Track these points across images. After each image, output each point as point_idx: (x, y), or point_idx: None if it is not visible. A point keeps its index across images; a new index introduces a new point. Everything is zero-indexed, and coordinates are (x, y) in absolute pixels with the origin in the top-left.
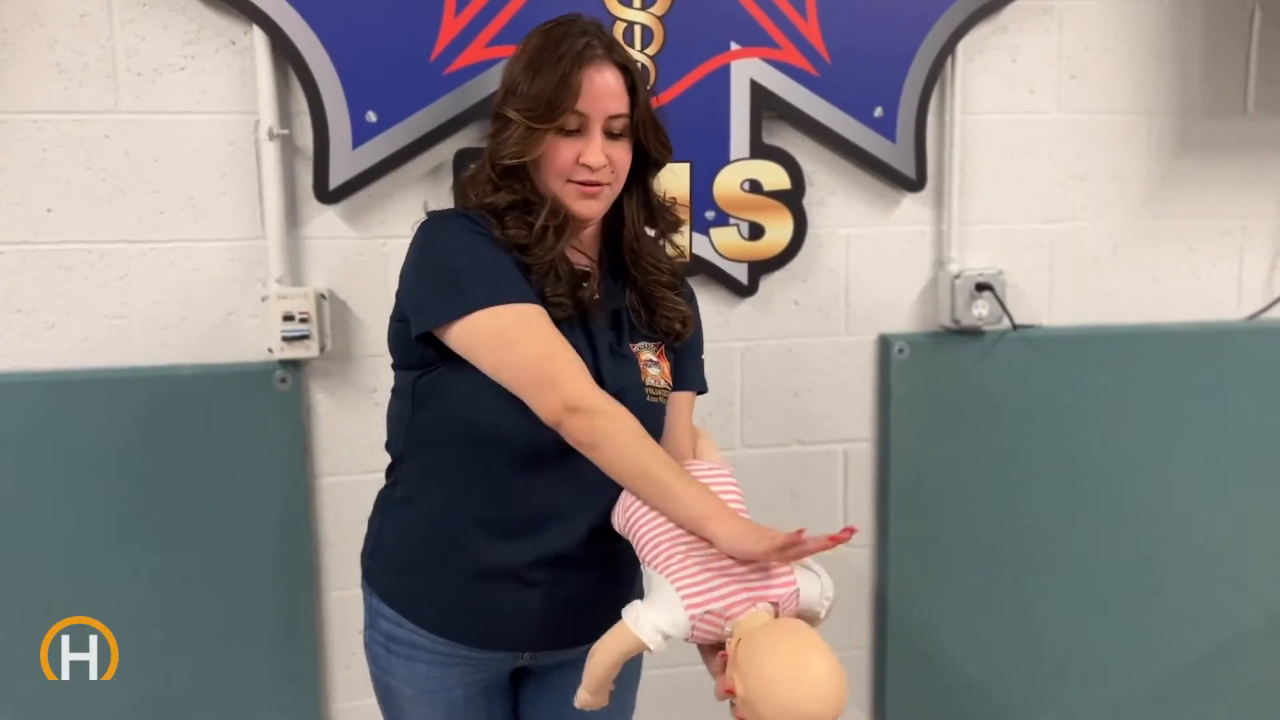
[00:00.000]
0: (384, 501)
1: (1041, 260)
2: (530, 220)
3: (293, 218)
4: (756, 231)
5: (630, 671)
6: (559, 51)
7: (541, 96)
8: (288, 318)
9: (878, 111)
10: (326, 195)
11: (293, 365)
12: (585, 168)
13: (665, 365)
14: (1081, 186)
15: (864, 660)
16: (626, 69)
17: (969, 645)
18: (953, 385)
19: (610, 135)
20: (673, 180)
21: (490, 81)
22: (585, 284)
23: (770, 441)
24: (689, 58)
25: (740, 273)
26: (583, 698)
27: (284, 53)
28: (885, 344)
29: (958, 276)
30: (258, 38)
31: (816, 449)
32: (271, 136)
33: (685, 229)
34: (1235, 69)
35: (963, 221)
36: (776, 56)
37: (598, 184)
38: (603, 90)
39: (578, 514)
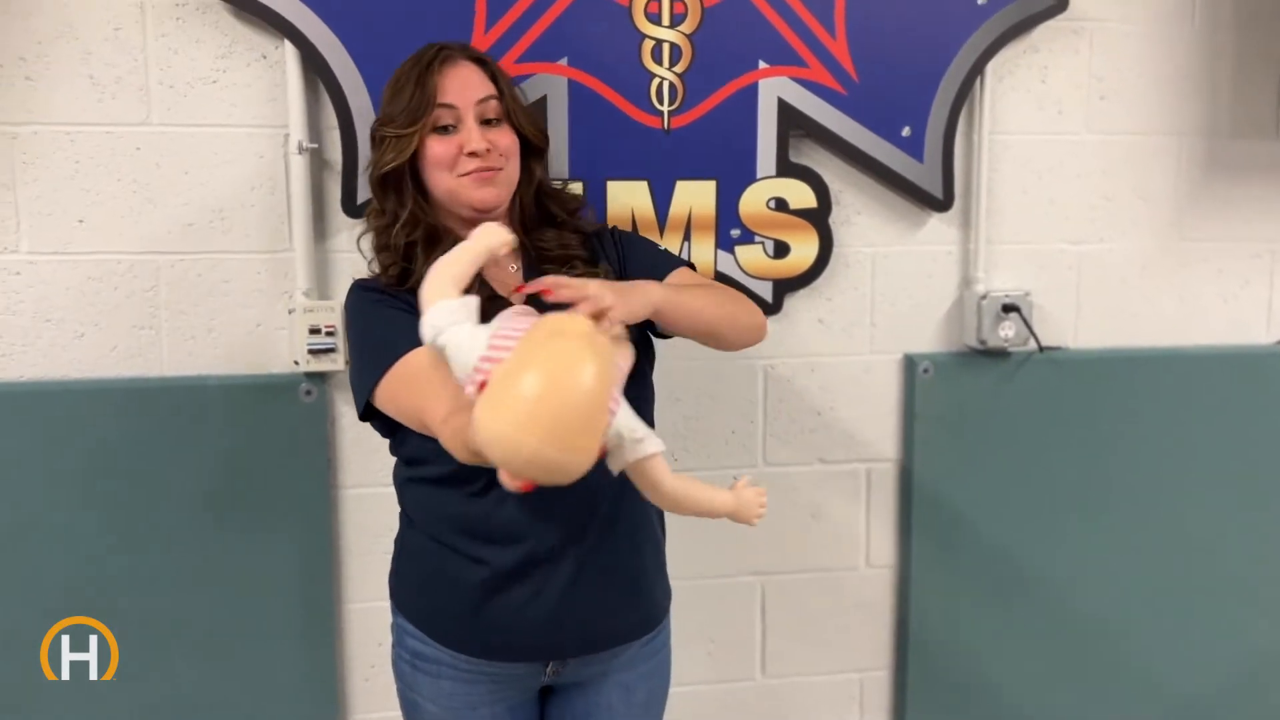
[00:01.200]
0: (402, 523)
1: (1069, 281)
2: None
3: (320, 231)
4: (782, 250)
5: (658, 691)
6: (413, 65)
7: (403, 104)
8: (314, 330)
9: (906, 131)
10: (354, 209)
11: (318, 378)
12: (471, 156)
13: None
14: (1109, 207)
15: (885, 681)
16: (483, 61)
17: (991, 667)
18: (978, 406)
19: (486, 123)
20: (699, 197)
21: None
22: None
23: (793, 460)
24: (717, 76)
25: (765, 290)
26: None
27: (314, 67)
28: (910, 364)
29: (984, 297)
30: (289, 52)
31: (839, 468)
32: (301, 150)
33: (710, 245)
34: (1265, 91)
35: (990, 241)
36: (805, 75)
37: (489, 169)
38: (463, 81)
39: (573, 518)
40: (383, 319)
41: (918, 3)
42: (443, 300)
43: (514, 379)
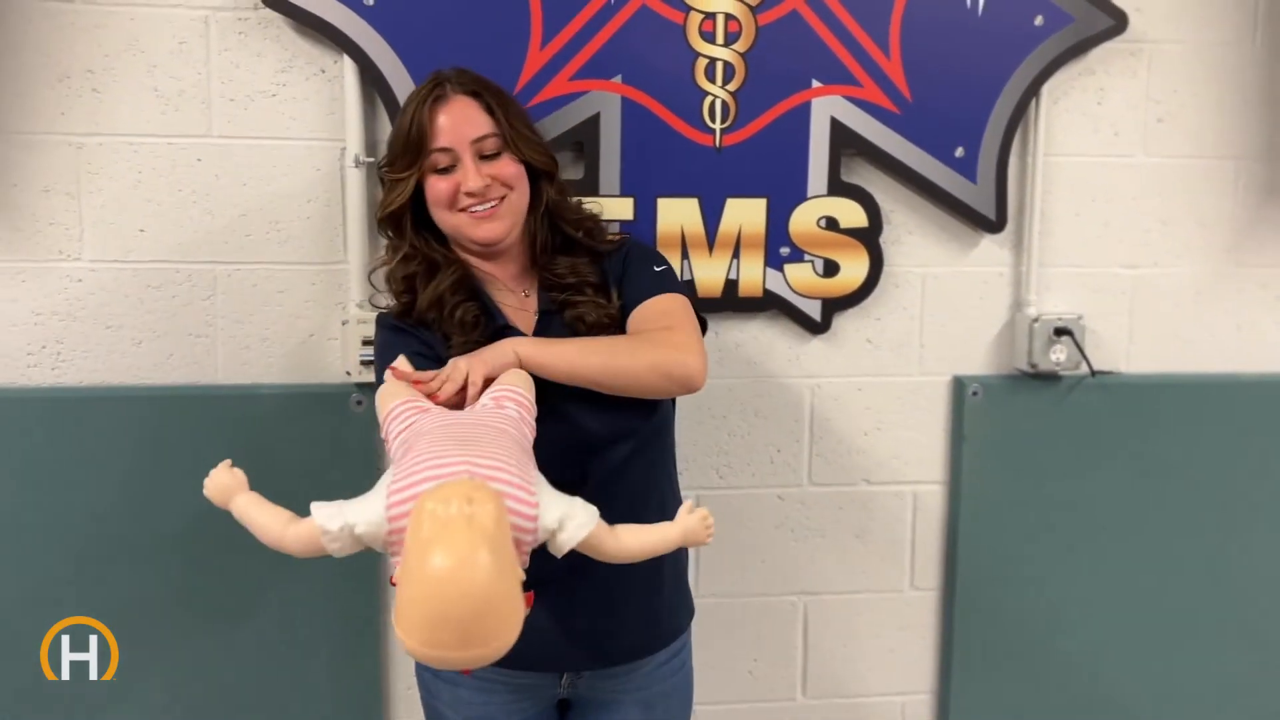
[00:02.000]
0: None
1: (1122, 305)
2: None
3: (374, 244)
4: (831, 269)
5: (678, 711)
6: (410, 104)
7: (399, 146)
8: (366, 342)
9: (959, 151)
10: None
11: (369, 388)
12: (467, 195)
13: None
14: (1165, 231)
15: (927, 704)
16: (479, 93)
17: (1037, 694)
18: (1027, 430)
19: (485, 157)
20: (749, 215)
21: (574, 114)
22: (477, 315)
23: (838, 480)
24: (770, 94)
25: (813, 309)
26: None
27: (372, 82)
28: (959, 385)
29: (1036, 320)
30: (347, 67)
31: (885, 489)
32: (357, 164)
33: (759, 263)
34: None
35: (1042, 264)
36: (858, 94)
37: (488, 202)
38: (455, 120)
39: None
40: (395, 352)
41: (974, 23)
42: (310, 522)
43: (412, 597)
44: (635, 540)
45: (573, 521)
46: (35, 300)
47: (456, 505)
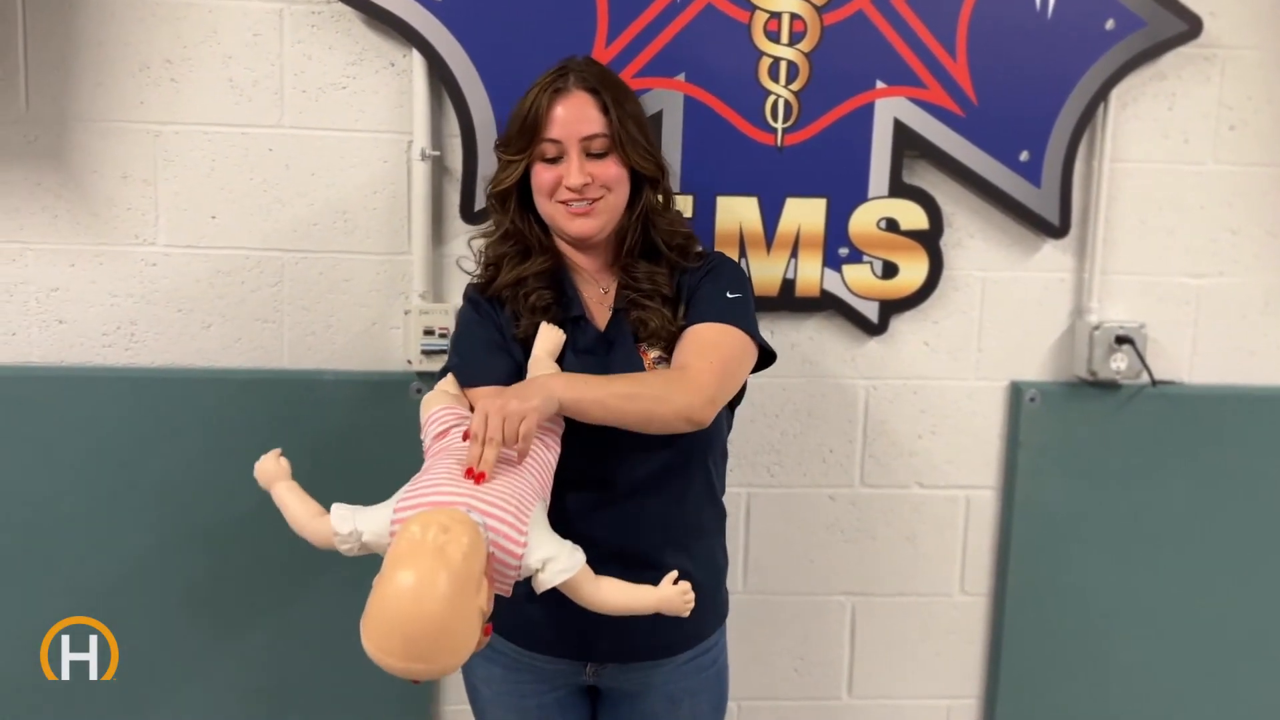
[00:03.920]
0: None
1: (1186, 315)
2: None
3: (438, 236)
4: (890, 270)
5: (706, 710)
6: (533, 91)
7: (513, 131)
8: (428, 332)
9: (1024, 155)
10: (472, 216)
11: (429, 377)
12: (567, 189)
13: None
14: (1233, 240)
15: (973, 709)
16: (597, 91)
17: (1085, 706)
18: (1084, 438)
19: (592, 155)
20: (808, 215)
21: None
22: (549, 303)
23: (890, 482)
24: (833, 95)
25: (870, 311)
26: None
27: (440, 77)
28: (1016, 391)
29: (1097, 328)
30: (416, 61)
31: (937, 493)
32: (423, 157)
33: (818, 263)
34: None
35: (1105, 271)
36: (922, 96)
37: (586, 199)
38: (570, 115)
39: (626, 536)
40: (470, 340)
41: (1043, 26)
42: (328, 524)
43: (373, 604)
44: (613, 594)
45: (554, 565)
46: (111, 283)
47: (432, 533)
